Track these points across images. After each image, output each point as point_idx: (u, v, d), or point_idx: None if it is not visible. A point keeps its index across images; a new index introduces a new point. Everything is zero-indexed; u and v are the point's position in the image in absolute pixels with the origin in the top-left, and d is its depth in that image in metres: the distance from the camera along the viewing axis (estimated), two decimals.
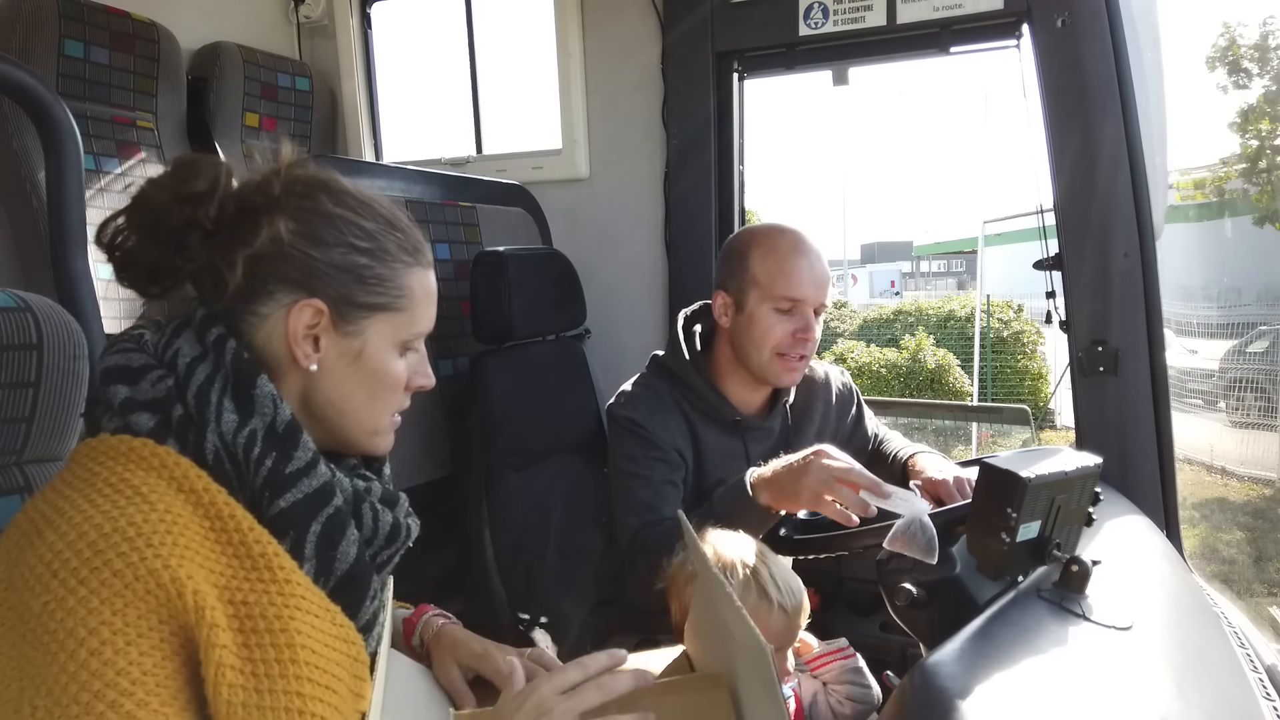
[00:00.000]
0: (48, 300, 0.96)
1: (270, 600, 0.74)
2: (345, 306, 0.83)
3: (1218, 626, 1.23)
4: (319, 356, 0.83)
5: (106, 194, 2.11)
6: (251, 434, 0.78)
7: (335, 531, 0.81)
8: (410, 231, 0.89)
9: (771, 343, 1.54)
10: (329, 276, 0.82)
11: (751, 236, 1.59)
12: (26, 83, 1.08)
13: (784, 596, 1.19)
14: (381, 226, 0.86)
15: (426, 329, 0.90)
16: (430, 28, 2.86)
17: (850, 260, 30.69)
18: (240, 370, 0.79)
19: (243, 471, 0.78)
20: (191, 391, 0.78)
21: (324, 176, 0.87)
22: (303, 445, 0.80)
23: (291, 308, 0.81)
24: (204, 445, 0.77)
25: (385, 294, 0.85)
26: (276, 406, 0.80)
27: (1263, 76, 9.00)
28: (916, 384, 8.73)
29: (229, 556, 0.74)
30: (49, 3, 2.00)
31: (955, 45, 1.96)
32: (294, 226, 0.82)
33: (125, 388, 0.78)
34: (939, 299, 12.02)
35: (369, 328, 0.84)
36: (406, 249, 0.87)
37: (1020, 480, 1.03)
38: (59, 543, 0.68)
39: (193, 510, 0.74)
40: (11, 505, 0.92)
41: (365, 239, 0.84)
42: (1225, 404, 7.38)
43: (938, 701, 0.82)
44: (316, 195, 0.84)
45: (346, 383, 0.85)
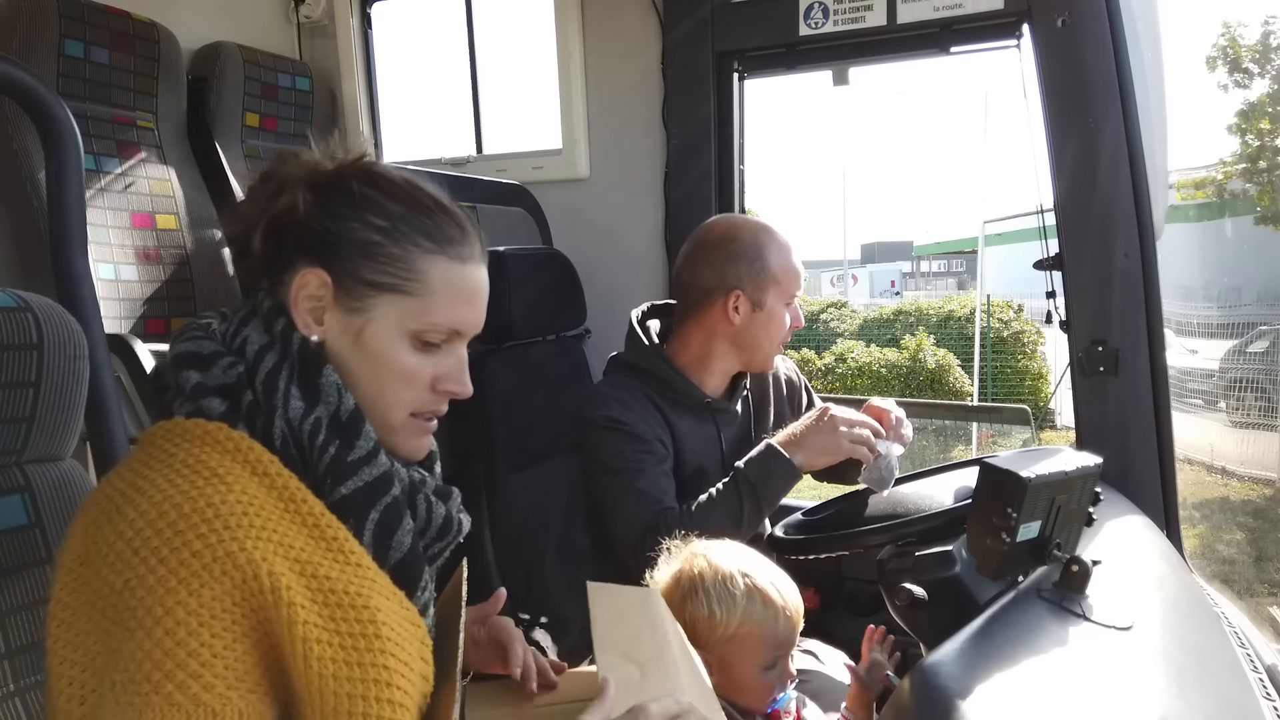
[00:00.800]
0: (48, 300, 0.96)
1: (350, 578, 0.75)
2: (350, 281, 0.82)
3: (1218, 626, 1.23)
4: (323, 330, 0.83)
5: (106, 194, 2.11)
6: (316, 421, 0.80)
7: (392, 520, 0.83)
8: (444, 222, 0.86)
9: (782, 334, 1.63)
10: (339, 250, 0.82)
11: (758, 234, 1.61)
12: (27, 83, 1.08)
13: (785, 600, 1.19)
14: (409, 210, 0.85)
15: (446, 323, 0.86)
16: (430, 28, 2.87)
17: (850, 260, 30.70)
18: (306, 359, 0.81)
19: (307, 457, 0.79)
20: (260, 378, 0.80)
21: (369, 164, 0.88)
22: (364, 434, 0.82)
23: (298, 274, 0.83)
24: (272, 430, 0.79)
25: (394, 274, 0.83)
26: (341, 395, 0.81)
27: (1263, 77, 9.00)
28: (916, 384, 8.73)
29: (305, 536, 0.75)
30: (49, 3, 2.00)
31: (955, 45, 1.96)
32: (312, 198, 0.83)
33: (197, 373, 0.80)
34: (939, 299, 12.03)
35: (374, 307, 0.83)
36: (431, 235, 0.84)
37: (1020, 480, 1.03)
38: (140, 520, 0.69)
39: (267, 491, 0.75)
40: (12, 505, 0.92)
41: (383, 217, 0.83)
42: (1225, 404, 7.37)
43: (938, 701, 0.82)
44: (349, 175, 0.85)
45: (349, 363, 0.84)
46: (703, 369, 1.65)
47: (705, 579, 1.19)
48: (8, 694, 0.87)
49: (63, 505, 0.96)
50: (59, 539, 0.94)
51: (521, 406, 1.87)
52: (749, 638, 1.15)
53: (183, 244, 2.24)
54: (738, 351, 1.64)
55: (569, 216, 2.41)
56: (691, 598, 1.19)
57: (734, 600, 1.16)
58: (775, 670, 1.19)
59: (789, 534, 1.66)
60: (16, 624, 0.89)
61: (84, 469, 1.01)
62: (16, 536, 0.92)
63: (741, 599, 1.16)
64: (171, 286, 2.19)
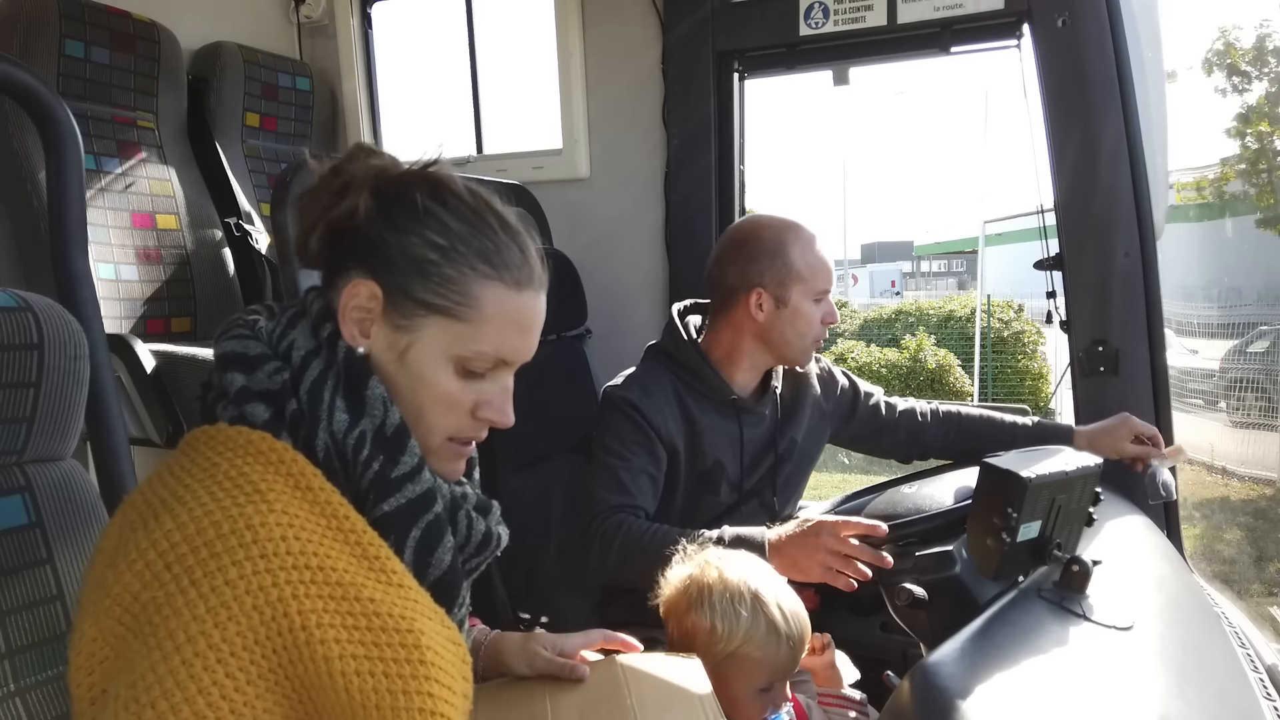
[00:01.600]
0: (48, 300, 0.96)
1: (394, 600, 0.74)
2: (400, 297, 0.80)
3: (1218, 626, 1.23)
4: (369, 343, 0.81)
5: (107, 194, 2.11)
6: (361, 435, 0.78)
7: (433, 538, 0.81)
8: (506, 244, 0.82)
9: (814, 332, 1.62)
10: (393, 263, 0.80)
11: (779, 231, 1.61)
12: (27, 83, 1.08)
13: (791, 628, 1.16)
14: (470, 229, 0.81)
15: (494, 352, 0.82)
16: (430, 28, 2.86)
17: (850, 260, 30.70)
18: (352, 370, 0.79)
19: (351, 471, 0.78)
20: (305, 387, 0.78)
21: (439, 174, 0.85)
22: (409, 450, 0.80)
23: (350, 283, 0.80)
24: (315, 441, 0.77)
25: (446, 296, 0.79)
26: (387, 409, 0.79)
27: (1261, 80, 9.00)
28: (917, 384, 8.73)
29: (349, 555, 0.74)
30: (49, 3, 2.00)
31: (956, 45, 1.96)
32: (374, 205, 0.81)
33: (241, 376, 0.79)
34: (939, 299, 12.02)
35: (421, 326, 0.80)
36: (489, 258, 0.81)
37: (1021, 480, 1.03)
38: (176, 534, 0.68)
39: (310, 508, 0.74)
40: (12, 505, 0.92)
41: (442, 234, 0.80)
42: (1225, 404, 7.37)
43: (938, 701, 0.82)
44: (414, 184, 0.82)
45: (393, 380, 0.81)
46: (733, 365, 1.65)
47: (713, 592, 1.17)
48: (8, 694, 0.87)
49: (63, 505, 0.96)
50: (59, 539, 0.94)
51: (521, 406, 1.86)
52: (748, 659, 1.13)
53: (183, 244, 2.24)
54: (767, 348, 1.64)
55: (569, 216, 2.41)
56: (697, 607, 1.17)
57: (738, 619, 1.14)
58: (770, 693, 1.17)
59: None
60: (16, 624, 0.89)
61: (84, 469, 1.01)
62: (17, 536, 0.92)
63: (746, 620, 1.14)
64: (171, 286, 2.19)
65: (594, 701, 0.95)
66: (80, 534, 0.96)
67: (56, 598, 0.92)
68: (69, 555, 0.94)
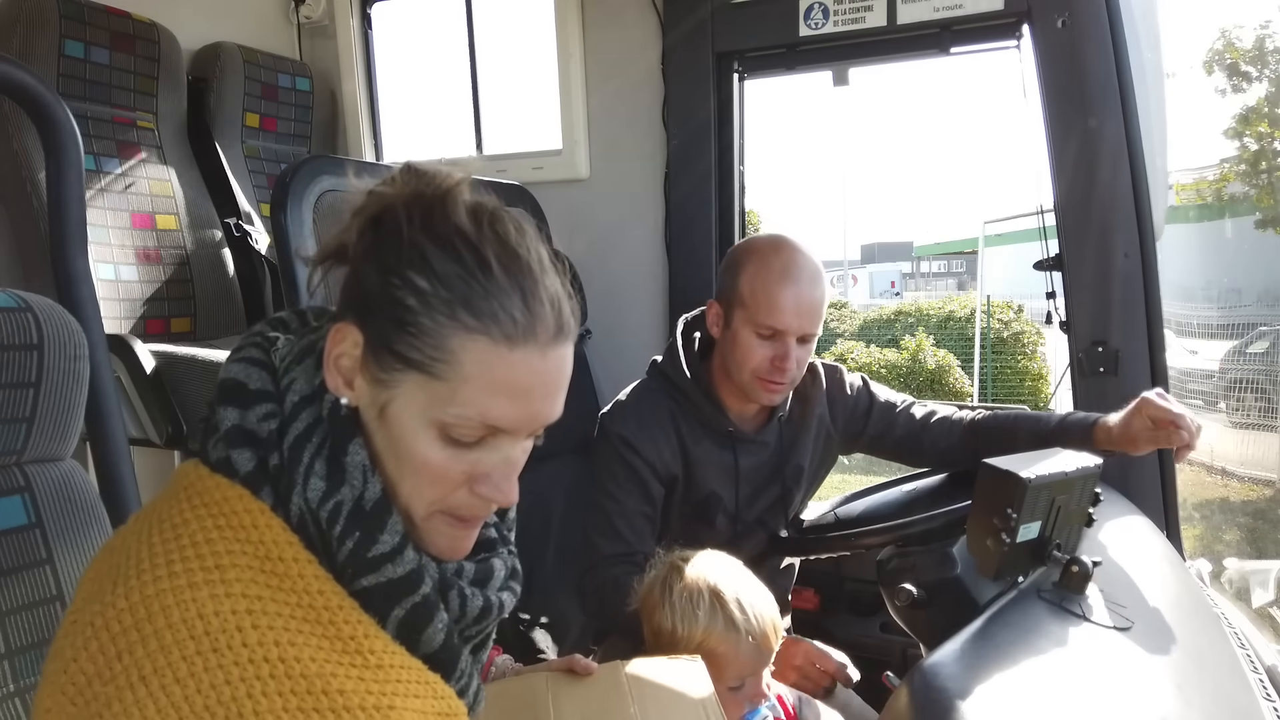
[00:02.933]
0: (48, 300, 0.96)
1: (368, 689, 0.67)
2: (379, 346, 0.70)
3: (1218, 627, 1.23)
4: (354, 396, 0.73)
5: (107, 194, 2.11)
6: (336, 507, 0.70)
7: (419, 620, 0.73)
8: (503, 290, 0.69)
9: (750, 366, 1.50)
10: (375, 306, 0.71)
11: (748, 251, 1.54)
12: (27, 83, 1.08)
13: (751, 623, 1.16)
14: (460, 270, 0.69)
15: (478, 418, 0.70)
16: (430, 28, 2.86)
17: (850, 260, 30.70)
18: (336, 428, 0.72)
19: (327, 541, 0.71)
20: (288, 442, 0.72)
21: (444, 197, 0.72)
22: (389, 528, 0.71)
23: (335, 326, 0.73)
24: (290, 507, 0.70)
25: (421, 351, 0.69)
26: (366, 480, 0.71)
27: (1261, 80, 9.01)
28: (917, 384, 8.74)
29: (319, 637, 0.68)
30: (49, 3, 2.00)
31: (955, 46, 1.96)
32: (371, 238, 0.72)
33: (235, 413, 0.73)
34: (939, 299, 12.03)
35: (399, 383, 0.70)
36: (474, 307, 0.68)
37: (1020, 480, 1.03)
38: (128, 616, 0.63)
39: (276, 587, 0.67)
40: (12, 505, 0.92)
41: (424, 275, 0.69)
42: (1225, 405, 7.38)
43: (938, 702, 0.82)
44: (413, 212, 0.71)
45: (376, 437, 0.73)
46: (726, 386, 1.58)
47: (673, 591, 1.18)
48: (8, 694, 0.87)
49: (63, 506, 0.96)
50: (59, 539, 0.94)
51: None
52: (711, 655, 1.13)
53: (183, 244, 2.24)
54: (726, 369, 1.56)
55: (569, 217, 2.41)
56: (659, 608, 1.18)
57: (695, 618, 1.15)
58: (743, 690, 1.18)
59: (790, 535, 1.66)
60: (16, 624, 0.89)
61: (84, 469, 1.01)
62: (16, 537, 0.92)
63: (704, 617, 1.15)
64: (171, 287, 2.19)
65: (597, 704, 0.96)
66: (80, 534, 0.96)
67: (56, 598, 0.93)
68: (69, 555, 0.94)
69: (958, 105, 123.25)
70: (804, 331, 1.49)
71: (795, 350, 1.49)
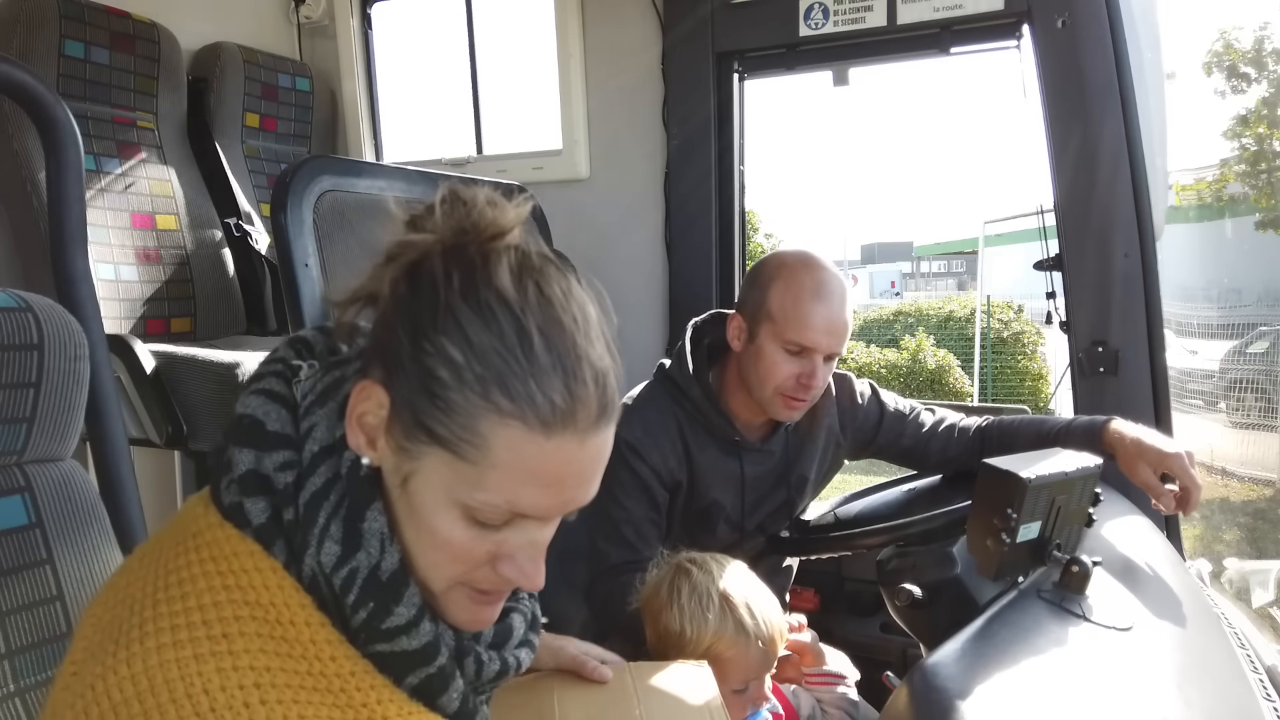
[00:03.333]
0: (49, 300, 0.96)
1: None
2: (405, 414, 0.65)
3: (1218, 627, 1.23)
4: (377, 456, 0.68)
5: (107, 194, 2.11)
6: (351, 574, 0.66)
7: (433, 688, 0.70)
8: (545, 371, 0.63)
9: (775, 382, 1.48)
10: (404, 371, 0.65)
11: (777, 266, 1.52)
12: (27, 83, 1.08)
13: (760, 628, 1.17)
14: (498, 344, 0.63)
15: (505, 505, 0.65)
16: (430, 28, 2.86)
17: (850, 260, 30.72)
18: (355, 491, 0.67)
19: (340, 606, 0.67)
20: (304, 498, 0.67)
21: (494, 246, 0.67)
22: (405, 600, 0.67)
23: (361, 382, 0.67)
24: (303, 564, 0.67)
25: (449, 429, 0.63)
26: (384, 549, 0.67)
27: (1260, 82, 9.02)
28: (917, 384, 8.74)
29: (330, 707, 0.64)
30: (49, 3, 2.00)
31: (955, 46, 1.96)
32: (404, 291, 0.66)
33: (252, 455, 0.68)
34: (939, 299, 12.03)
35: (423, 456, 0.65)
36: (509, 389, 0.62)
37: (1020, 481, 1.03)
38: (130, 686, 0.60)
39: (286, 655, 0.64)
40: (12, 505, 0.92)
41: (459, 346, 0.63)
42: (1225, 405, 7.38)
43: (938, 701, 0.82)
44: (451, 269, 0.65)
45: (397, 504, 0.68)
46: (735, 395, 1.57)
47: (681, 594, 1.18)
48: (8, 694, 0.87)
49: (63, 506, 0.96)
50: (59, 539, 0.94)
51: None
52: (719, 659, 1.14)
53: (183, 244, 2.24)
54: (744, 384, 1.55)
55: (569, 216, 2.41)
56: (667, 610, 1.18)
57: (705, 621, 1.15)
58: (746, 693, 1.18)
59: (790, 534, 1.66)
60: (16, 624, 0.89)
61: (84, 469, 1.01)
62: (17, 537, 0.92)
63: (714, 621, 1.15)
64: (171, 287, 2.19)
65: (602, 706, 0.95)
66: (80, 534, 0.96)
67: (56, 598, 0.92)
68: (69, 556, 0.94)
69: (958, 105, 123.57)
70: (832, 350, 1.49)
71: (821, 369, 1.49)
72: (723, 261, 2.28)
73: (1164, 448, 1.38)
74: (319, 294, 1.61)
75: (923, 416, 1.70)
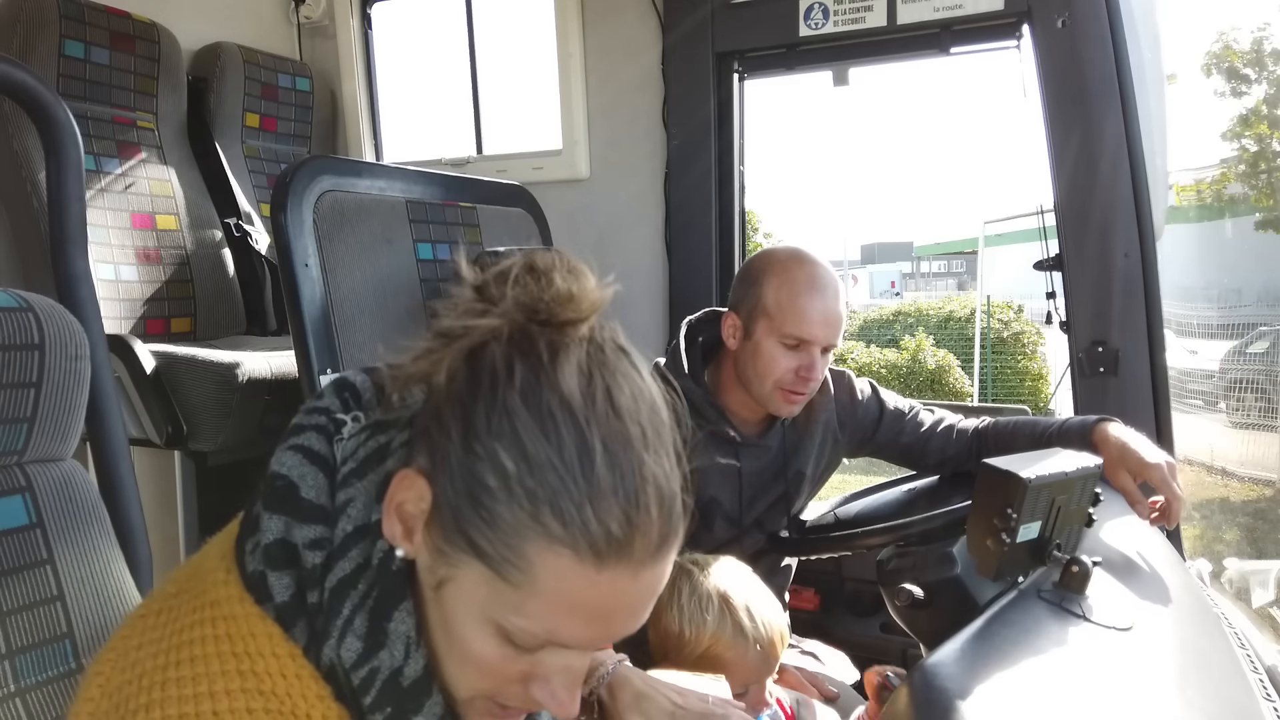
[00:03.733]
0: (49, 300, 0.96)
1: None
2: (447, 515, 0.59)
3: (1218, 627, 1.23)
4: (413, 550, 0.62)
5: (107, 194, 2.11)
6: (371, 674, 0.62)
7: None
8: (604, 495, 0.56)
9: (774, 376, 1.49)
10: (450, 470, 0.59)
11: (769, 263, 1.54)
12: (27, 83, 1.08)
13: (759, 631, 1.16)
14: (556, 459, 0.56)
15: (543, 633, 0.60)
16: (430, 28, 2.87)
17: (850, 260, 30.72)
18: (385, 586, 0.63)
19: (357, 701, 0.63)
20: (331, 584, 0.62)
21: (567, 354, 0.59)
22: (426, 710, 0.63)
23: (404, 469, 0.62)
24: (322, 650, 0.62)
25: (491, 544, 0.57)
26: (409, 653, 0.62)
27: (1260, 83, 9.03)
28: (917, 384, 8.74)
29: None
30: (49, 3, 2.00)
31: (955, 46, 1.96)
32: (461, 382, 0.59)
33: (282, 523, 0.64)
34: (939, 299, 12.04)
35: (461, 564, 0.59)
36: (562, 512, 0.56)
37: (1020, 481, 1.03)
38: None
39: None
40: (13, 505, 0.92)
41: (513, 457, 0.57)
42: (1225, 405, 7.38)
43: (938, 701, 0.82)
44: (514, 364, 0.58)
45: (429, 606, 0.63)
46: (731, 393, 1.58)
47: (682, 595, 1.17)
48: (8, 694, 0.87)
49: (63, 506, 0.96)
50: (60, 539, 0.94)
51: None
52: (717, 661, 1.14)
53: (183, 244, 2.24)
54: (740, 381, 1.55)
55: (569, 217, 2.41)
56: (666, 610, 1.18)
57: (704, 622, 1.15)
58: (746, 697, 1.17)
59: (790, 534, 1.66)
60: (17, 624, 0.89)
61: (84, 469, 1.01)
62: (17, 537, 0.92)
63: (712, 622, 1.15)
64: (171, 287, 2.19)
65: None
66: (80, 534, 0.96)
67: (57, 598, 0.92)
68: (69, 556, 0.94)
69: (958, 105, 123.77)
70: (829, 342, 1.50)
71: (819, 362, 1.50)
72: (723, 261, 2.29)
73: (1146, 457, 1.37)
74: (319, 294, 1.61)
75: (921, 416, 1.70)
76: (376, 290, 1.73)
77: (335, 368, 1.60)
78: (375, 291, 1.73)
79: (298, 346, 1.58)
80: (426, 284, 1.86)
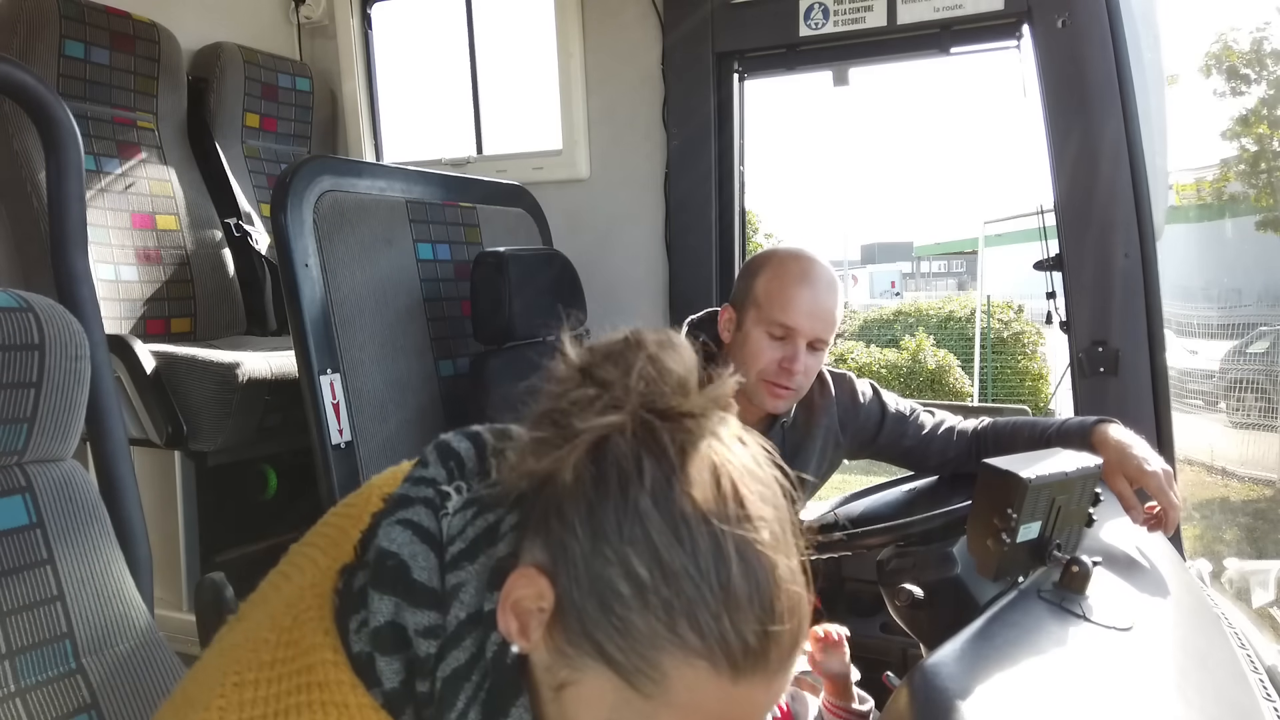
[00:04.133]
0: (49, 300, 0.96)
1: None
2: (572, 618, 0.57)
3: (1218, 627, 1.23)
4: (529, 647, 0.59)
5: (107, 194, 2.12)
6: None
7: None
8: (743, 609, 0.55)
9: (758, 366, 1.48)
10: (575, 571, 0.56)
11: (766, 257, 1.55)
12: (27, 83, 1.08)
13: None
14: (692, 570, 0.54)
15: None
16: (430, 28, 2.87)
17: (850, 260, 30.72)
18: (500, 679, 0.59)
19: None
20: (444, 673, 0.59)
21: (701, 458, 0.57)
22: None
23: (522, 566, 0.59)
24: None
25: (623, 653, 0.55)
26: None
27: (1259, 83, 9.04)
28: (917, 384, 8.74)
29: None
30: (50, 3, 2.00)
31: (955, 46, 1.96)
32: (591, 476, 0.56)
33: (393, 605, 0.60)
34: (939, 299, 12.04)
35: (587, 669, 0.57)
36: (701, 626, 0.54)
37: (1020, 481, 1.03)
38: None
39: None
40: (13, 505, 0.92)
41: (647, 565, 0.55)
42: (1225, 405, 7.38)
43: (938, 702, 0.82)
44: (644, 464, 0.56)
45: (546, 705, 0.60)
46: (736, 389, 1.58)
47: None
48: (8, 694, 0.87)
49: (64, 506, 0.96)
50: (60, 539, 0.94)
51: (521, 407, 1.87)
52: None
53: (183, 244, 2.24)
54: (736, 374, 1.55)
55: (569, 217, 2.41)
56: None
57: None
58: None
59: None
60: (17, 624, 0.89)
61: (85, 469, 1.01)
62: (17, 537, 0.92)
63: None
64: (171, 287, 2.19)
65: None
66: (80, 535, 0.96)
67: (57, 598, 0.93)
68: (69, 556, 0.95)
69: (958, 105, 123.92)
70: (816, 335, 1.48)
71: (804, 355, 1.48)
72: (723, 261, 2.29)
73: (1144, 464, 1.35)
74: (319, 294, 1.61)
75: (922, 418, 1.70)
76: (376, 290, 1.73)
77: (335, 368, 1.60)
78: (375, 291, 1.73)
79: (298, 347, 1.58)
80: (426, 284, 1.87)
